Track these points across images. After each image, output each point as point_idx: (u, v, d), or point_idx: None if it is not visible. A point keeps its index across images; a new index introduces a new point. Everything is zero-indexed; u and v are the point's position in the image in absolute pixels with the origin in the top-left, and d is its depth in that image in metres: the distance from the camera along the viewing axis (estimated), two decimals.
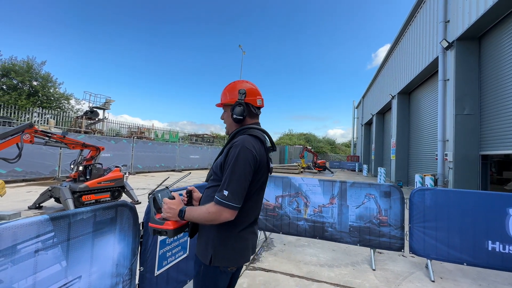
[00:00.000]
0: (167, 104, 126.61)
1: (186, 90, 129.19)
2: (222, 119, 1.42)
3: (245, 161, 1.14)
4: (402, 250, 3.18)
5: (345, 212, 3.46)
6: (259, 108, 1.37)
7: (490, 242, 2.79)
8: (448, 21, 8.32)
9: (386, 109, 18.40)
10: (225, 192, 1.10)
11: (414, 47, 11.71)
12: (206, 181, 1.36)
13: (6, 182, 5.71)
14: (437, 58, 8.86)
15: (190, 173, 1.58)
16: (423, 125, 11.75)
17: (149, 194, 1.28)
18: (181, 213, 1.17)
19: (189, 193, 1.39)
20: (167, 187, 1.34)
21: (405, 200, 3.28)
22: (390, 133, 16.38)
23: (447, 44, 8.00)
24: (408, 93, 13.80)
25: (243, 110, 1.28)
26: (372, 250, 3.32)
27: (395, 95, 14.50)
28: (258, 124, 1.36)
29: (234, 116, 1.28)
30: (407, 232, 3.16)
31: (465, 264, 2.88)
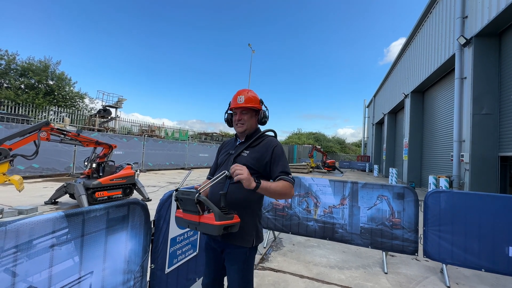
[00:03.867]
0: (176, 103, 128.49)
1: (195, 89, 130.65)
2: (240, 119, 1.58)
3: (285, 154, 1.54)
4: (416, 254, 3.09)
5: (356, 213, 3.39)
6: None
7: (511, 248, 2.66)
8: (466, 16, 8.00)
9: (399, 108, 17.94)
10: (290, 176, 1.45)
11: (429, 44, 11.34)
12: (229, 177, 1.36)
13: (24, 178, 5.93)
14: (453, 56, 8.55)
15: (191, 171, 1.61)
16: (438, 125, 11.38)
17: (197, 195, 1.21)
18: (258, 184, 1.30)
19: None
20: (197, 192, 1.25)
21: (419, 203, 3.18)
22: (402, 133, 15.97)
23: (465, 40, 7.70)
24: (422, 91, 13.40)
25: (268, 116, 1.64)
26: (384, 253, 3.23)
27: (408, 94, 14.11)
28: (260, 128, 1.70)
29: (264, 119, 1.62)
30: (421, 236, 3.06)
31: (483, 270, 2.76)
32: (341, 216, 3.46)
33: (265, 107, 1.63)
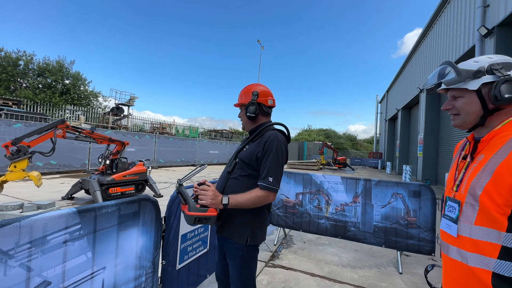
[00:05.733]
0: (187, 100, 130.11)
1: (205, 86, 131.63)
2: (239, 117, 1.62)
3: (281, 152, 1.39)
4: (433, 254, 2.97)
5: (370, 211, 3.29)
6: (270, 107, 1.57)
7: None
8: (488, 5, 7.56)
9: (413, 103, 17.34)
10: (270, 179, 1.32)
11: (447, 35, 10.84)
12: (230, 172, 1.47)
13: (42, 174, 6.16)
14: (473, 47, 8.12)
15: (206, 165, 1.58)
16: None
17: (179, 184, 1.32)
18: (225, 200, 1.29)
19: (201, 185, 1.43)
20: (181, 184, 1.34)
21: (437, 201, 3.05)
22: (417, 129, 15.45)
23: (486, 31, 7.28)
24: (438, 85, 12.85)
25: (255, 109, 1.49)
26: (398, 253, 3.14)
27: (424, 88, 13.59)
28: (270, 121, 1.57)
29: (248, 114, 1.49)
30: (438, 235, 2.93)
31: None
32: (353, 214, 3.37)
33: (253, 100, 1.48)
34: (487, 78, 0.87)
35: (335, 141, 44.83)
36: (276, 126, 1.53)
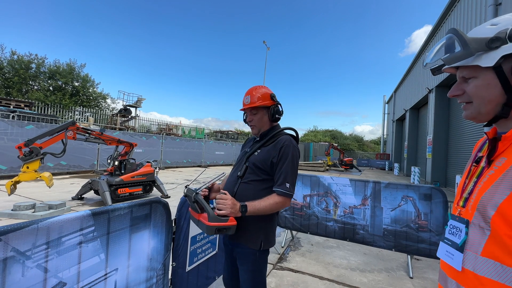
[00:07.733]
0: (192, 101, 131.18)
1: (210, 87, 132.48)
2: (249, 121, 1.54)
3: (296, 158, 1.41)
4: None
5: (379, 214, 3.24)
6: None
7: None
8: (500, 3, 7.39)
9: (422, 104, 17.06)
10: (287, 185, 1.32)
11: None
12: (241, 176, 1.44)
13: (53, 174, 6.29)
14: None
15: (224, 173, 1.58)
16: (466, 121, 10.69)
17: (195, 193, 1.30)
18: (243, 208, 1.27)
19: (209, 189, 1.44)
20: (197, 193, 1.32)
21: (449, 204, 2.98)
22: (425, 130, 15.19)
23: None
24: (449, 85, 12.62)
25: (280, 110, 1.52)
26: (409, 256, 3.08)
27: (433, 89, 13.36)
28: (279, 125, 1.60)
29: (276, 116, 1.50)
30: None
31: None
32: (362, 217, 3.33)
33: (277, 101, 1.51)
34: (509, 48, 0.59)
35: (341, 142, 44.47)
36: (287, 131, 1.52)
